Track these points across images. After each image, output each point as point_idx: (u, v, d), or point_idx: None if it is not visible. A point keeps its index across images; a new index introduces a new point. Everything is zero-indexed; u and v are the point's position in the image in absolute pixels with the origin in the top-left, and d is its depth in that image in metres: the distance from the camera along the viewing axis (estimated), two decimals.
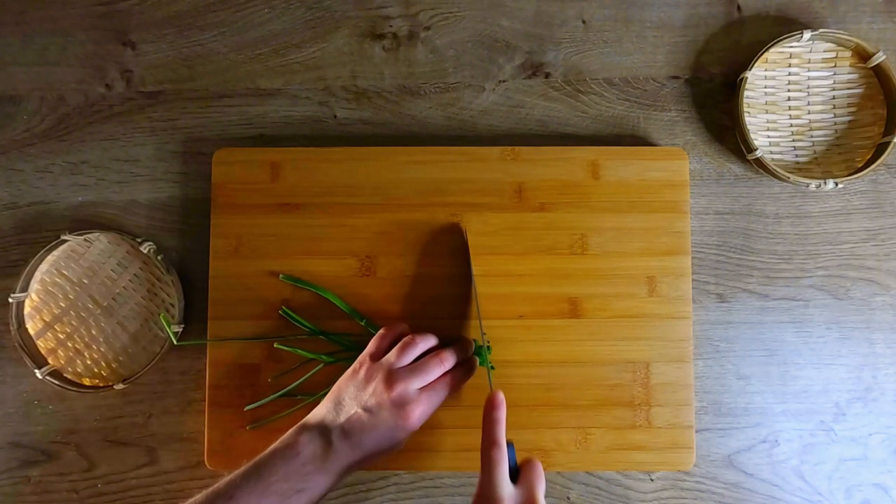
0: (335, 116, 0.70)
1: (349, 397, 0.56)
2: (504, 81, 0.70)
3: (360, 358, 0.58)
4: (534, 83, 0.70)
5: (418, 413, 0.54)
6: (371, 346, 0.59)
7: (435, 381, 0.57)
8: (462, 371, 0.60)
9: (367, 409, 0.54)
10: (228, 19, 0.70)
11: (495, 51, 0.70)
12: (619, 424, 0.63)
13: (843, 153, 0.68)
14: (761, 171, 0.67)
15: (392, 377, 0.55)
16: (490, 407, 0.54)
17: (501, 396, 0.55)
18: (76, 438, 0.66)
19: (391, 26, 0.70)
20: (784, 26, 0.69)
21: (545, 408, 0.63)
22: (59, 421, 0.66)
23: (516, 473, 0.53)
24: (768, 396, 0.66)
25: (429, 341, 0.60)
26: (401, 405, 0.54)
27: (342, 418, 0.55)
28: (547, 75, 0.70)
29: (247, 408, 0.62)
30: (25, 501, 0.65)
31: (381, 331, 0.60)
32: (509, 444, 0.54)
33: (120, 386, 0.63)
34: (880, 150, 0.66)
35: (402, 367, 0.56)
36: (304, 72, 0.70)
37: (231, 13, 0.70)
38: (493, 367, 0.62)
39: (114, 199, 0.68)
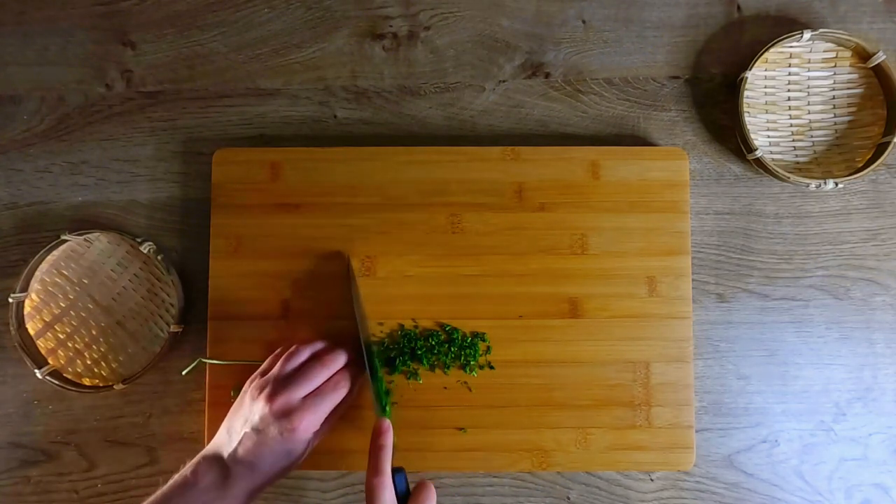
0: (335, 116, 0.70)
1: (239, 420, 0.55)
2: (504, 81, 0.70)
3: (249, 379, 0.58)
4: (534, 83, 0.70)
5: (304, 422, 0.53)
6: (263, 365, 0.59)
7: (322, 385, 0.56)
8: (355, 371, 0.59)
9: (254, 429, 0.54)
10: (228, 19, 0.70)
11: (495, 51, 0.70)
12: (619, 424, 0.63)
13: (843, 153, 0.68)
14: (761, 171, 0.67)
15: (273, 390, 0.54)
16: (376, 434, 0.54)
17: (388, 424, 0.55)
18: (76, 438, 0.66)
19: (391, 26, 0.70)
20: (784, 26, 0.69)
21: (545, 408, 0.63)
22: (59, 421, 0.66)
23: (406, 498, 0.53)
24: (768, 396, 0.66)
25: (314, 347, 0.59)
26: (284, 416, 0.53)
27: (235, 443, 0.54)
28: (547, 75, 0.70)
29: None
30: (25, 501, 0.65)
31: (277, 351, 0.60)
32: (399, 471, 0.54)
33: (120, 386, 0.63)
34: (880, 150, 0.66)
35: (284, 377, 0.56)
36: (304, 72, 0.70)
37: (231, 13, 0.70)
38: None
39: (114, 199, 0.68)
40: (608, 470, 0.65)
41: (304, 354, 0.58)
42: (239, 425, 0.55)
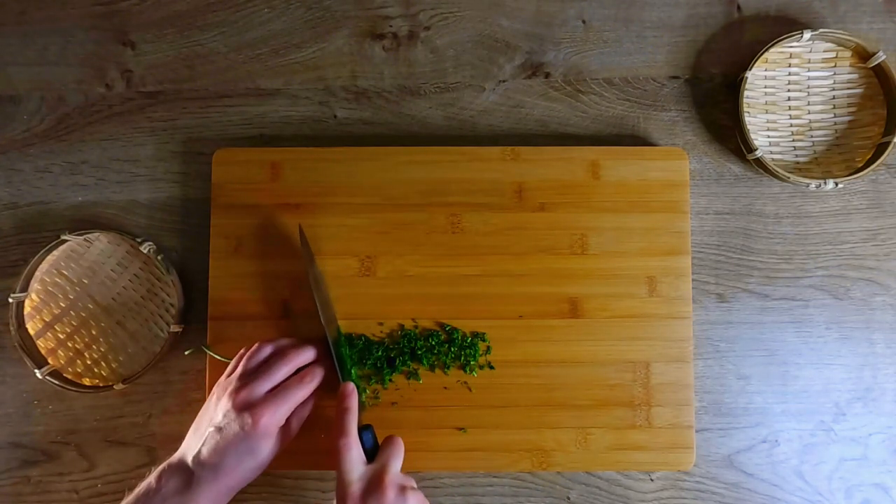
0: (335, 116, 0.70)
1: (205, 422, 0.55)
2: (504, 81, 0.70)
3: (217, 382, 0.58)
4: (534, 83, 0.70)
5: (266, 416, 0.53)
6: (229, 367, 0.59)
7: (287, 380, 0.56)
8: (321, 369, 0.58)
9: (217, 427, 0.53)
10: (228, 19, 0.70)
11: (495, 51, 0.70)
12: (619, 424, 0.63)
13: (843, 153, 0.68)
14: (761, 171, 0.67)
15: (236, 386, 0.55)
16: (340, 398, 0.55)
17: (352, 387, 0.56)
18: (76, 438, 0.66)
19: (391, 26, 0.70)
20: (784, 26, 0.69)
21: (545, 408, 0.63)
22: (59, 421, 0.66)
23: (376, 453, 0.55)
24: (768, 396, 0.66)
25: (279, 343, 0.59)
26: (245, 410, 0.53)
27: (199, 445, 0.53)
28: (547, 75, 0.70)
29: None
30: (25, 501, 0.65)
31: (241, 350, 0.59)
32: (367, 428, 0.56)
33: (120, 386, 0.63)
34: (880, 150, 0.66)
35: (247, 373, 0.56)
36: (304, 72, 0.70)
37: (231, 13, 0.70)
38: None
39: (114, 199, 0.68)
40: (608, 470, 0.65)
41: (267, 350, 0.58)
42: (204, 426, 0.55)
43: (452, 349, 0.63)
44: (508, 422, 0.63)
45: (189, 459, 0.53)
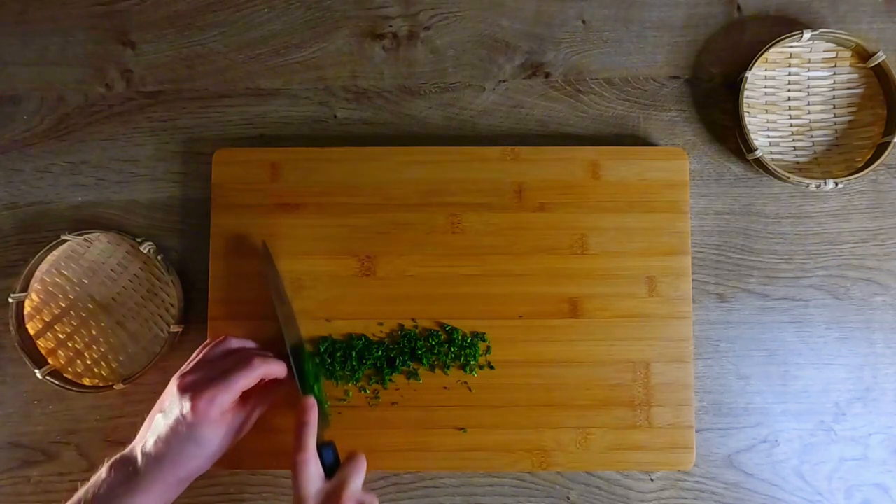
0: (335, 116, 0.70)
1: (156, 411, 0.56)
2: (504, 81, 0.70)
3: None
4: (534, 83, 0.70)
5: (204, 399, 0.51)
6: (191, 358, 0.59)
7: (232, 371, 0.54)
8: (278, 364, 0.57)
9: (163, 413, 0.54)
10: (228, 19, 0.70)
11: (495, 51, 0.70)
12: (619, 424, 0.63)
13: (843, 153, 0.68)
14: (761, 171, 0.67)
15: (184, 373, 0.55)
16: (299, 412, 0.54)
17: (312, 401, 0.55)
18: (76, 438, 0.66)
19: (391, 26, 0.70)
20: (784, 26, 0.69)
21: (545, 408, 0.63)
22: (59, 421, 0.66)
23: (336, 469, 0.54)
24: (768, 396, 0.66)
25: (244, 342, 0.59)
26: (188, 394, 0.52)
27: (147, 434, 0.54)
28: (547, 75, 0.70)
29: None
30: (25, 501, 0.65)
31: (206, 342, 0.60)
32: (328, 444, 0.55)
33: (120, 386, 0.63)
34: (880, 150, 0.66)
35: (202, 361, 0.56)
36: (304, 72, 0.70)
37: (231, 13, 0.70)
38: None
39: (114, 199, 0.68)
40: (608, 470, 0.65)
41: (230, 343, 0.58)
42: (156, 414, 0.55)
43: (452, 349, 0.63)
44: (508, 422, 0.63)
45: (138, 449, 0.53)
